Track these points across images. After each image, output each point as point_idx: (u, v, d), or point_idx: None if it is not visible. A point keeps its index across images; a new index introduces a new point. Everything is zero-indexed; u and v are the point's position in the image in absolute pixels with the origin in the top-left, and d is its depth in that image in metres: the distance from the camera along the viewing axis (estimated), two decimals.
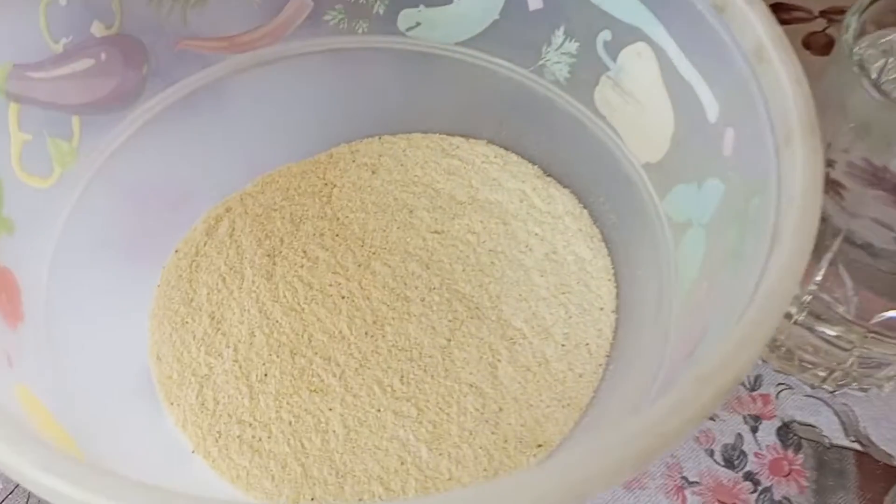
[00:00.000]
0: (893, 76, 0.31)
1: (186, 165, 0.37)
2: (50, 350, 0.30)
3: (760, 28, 0.26)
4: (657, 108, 0.32)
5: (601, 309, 0.35)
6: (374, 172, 0.39)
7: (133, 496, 0.18)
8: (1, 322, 0.27)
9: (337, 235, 0.37)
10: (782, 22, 0.52)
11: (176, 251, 0.37)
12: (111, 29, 0.32)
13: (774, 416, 0.36)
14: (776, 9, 0.51)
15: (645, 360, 0.30)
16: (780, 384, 0.37)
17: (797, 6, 0.51)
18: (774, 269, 0.21)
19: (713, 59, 0.28)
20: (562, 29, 0.34)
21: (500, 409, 0.33)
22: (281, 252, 0.37)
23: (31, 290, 0.29)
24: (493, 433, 0.32)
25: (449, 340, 0.34)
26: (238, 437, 0.32)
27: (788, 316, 0.35)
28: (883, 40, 0.31)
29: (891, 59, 0.30)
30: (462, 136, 0.40)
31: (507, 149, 0.40)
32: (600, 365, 0.34)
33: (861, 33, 0.31)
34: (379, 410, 0.33)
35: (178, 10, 0.33)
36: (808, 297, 0.35)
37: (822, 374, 0.36)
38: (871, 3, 0.30)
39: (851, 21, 0.30)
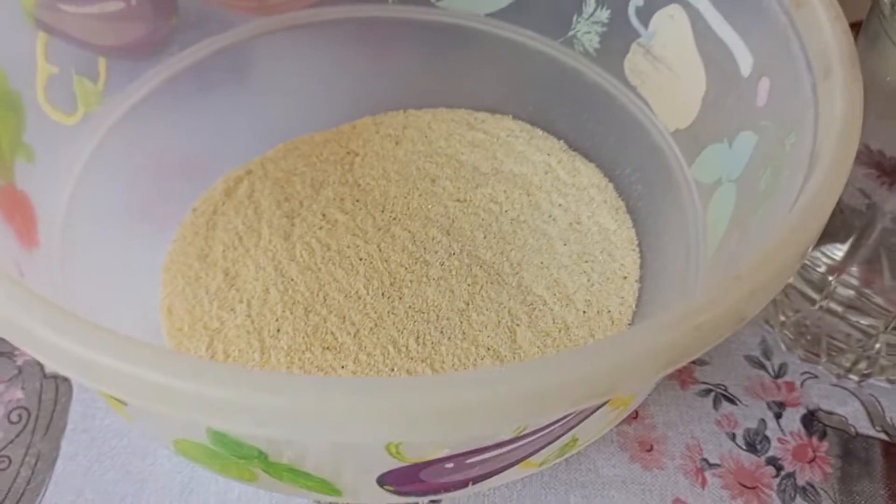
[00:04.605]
0: None
1: (208, 126, 0.37)
2: (62, 286, 0.29)
3: None
4: (689, 70, 0.31)
5: (624, 278, 0.34)
6: (397, 143, 0.39)
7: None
8: (14, 239, 0.26)
9: (357, 201, 0.37)
10: None
11: (193, 209, 0.36)
12: None
13: (799, 403, 0.35)
14: None
15: None
16: (805, 373, 0.36)
17: None
18: (815, 181, 0.21)
19: (748, 12, 0.28)
20: None
21: None
22: (300, 214, 0.36)
23: (47, 220, 0.29)
24: None
25: (467, 304, 0.34)
26: None
27: (812, 301, 0.35)
28: None
29: None
30: (488, 111, 0.40)
31: (532, 123, 0.40)
32: (622, 332, 0.33)
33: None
34: (392, 370, 0.32)
35: None
36: (837, 286, 0.34)
37: (847, 363, 0.35)
38: None
39: None
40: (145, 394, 0.17)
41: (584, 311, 0.33)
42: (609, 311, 0.33)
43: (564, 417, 0.22)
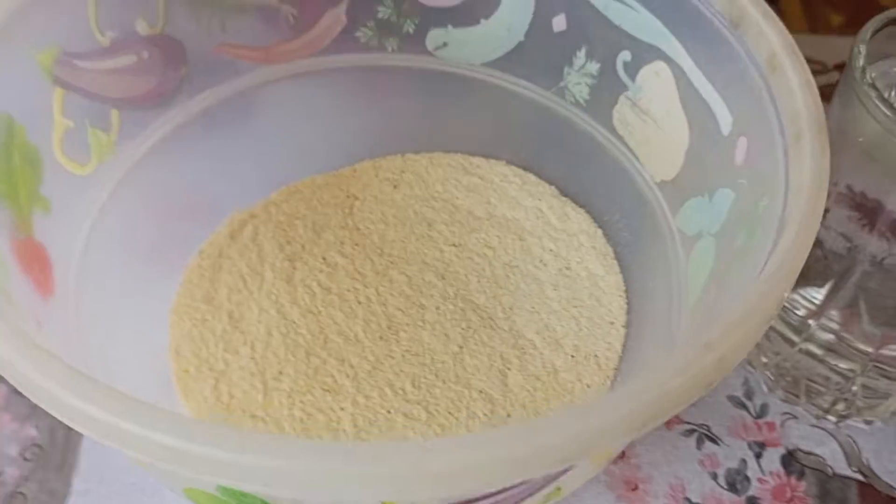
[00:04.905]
0: None
1: (215, 171, 0.38)
2: (76, 331, 0.30)
3: (774, 38, 0.28)
4: (673, 125, 0.33)
5: (611, 323, 0.35)
6: (395, 187, 0.40)
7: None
8: (32, 290, 0.28)
9: (357, 245, 0.38)
10: None
11: (200, 252, 0.38)
12: (155, 28, 0.33)
13: (779, 444, 0.37)
14: None
15: None
16: (785, 413, 0.38)
17: (812, 59, 0.53)
18: (782, 249, 0.22)
19: (728, 73, 0.30)
20: (583, 50, 0.36)
21: (509, 416, 0.33)
22: (301, 257, 0.38)
23: (61, 269, 0.30)
24: None
25: (461, 348, 0.35)
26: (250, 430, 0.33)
27: (792, 343, 0.36)
28: (892, 70, 0.32)
29: (894, 92, 0.32)
30: (482, 156, 0.42)
31: (525, 169, 0.41)
32: (608, 377, 0.34)
33: (876, 58, 0.32)
34: (389, 412, 0.33)
35: (217, 16, 0.35)
36: (816, 329, 0.35)
37: (826, 405, 0.37)
38: (875, 33, 0.31)
39: (861, 48, 0.31)
40: (163, 456, 0.18)
41: (573, 356, 0.35)
42: (596, 356, 0.35)
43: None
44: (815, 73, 0.53)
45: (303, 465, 0.18)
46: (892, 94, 0.33)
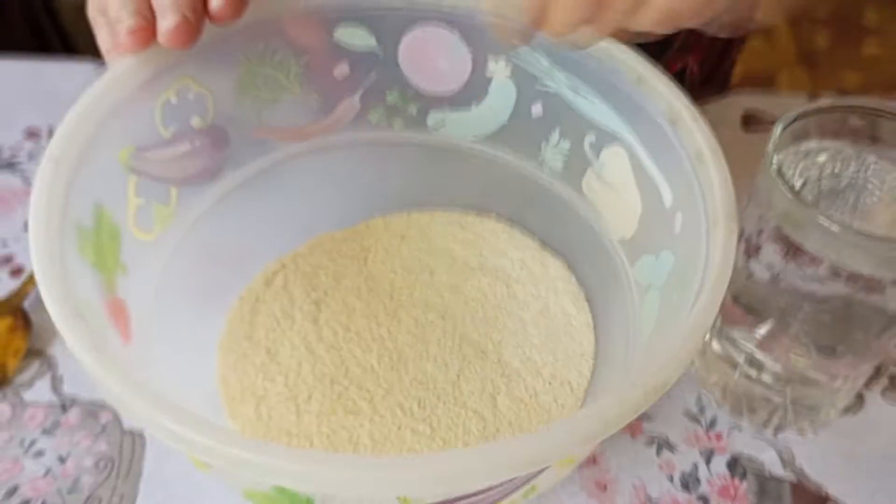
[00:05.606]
0: (813, 173, 0.39)
1: (251, 229, 0.46)
2: (147, 366, 0.38)
3: (701, 138, 0.35)
4: (629, 195, 0.40)
5: (582, 355, 0.43)
6: (402, 240, 0.48)
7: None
8: (120, 339, 0.35)
9: (371, 290, 0.46)
10: (753, 130, 0.61)
11: (240, 298, 0.46)
12: (205, 121, 0.41)
13: (725, 451, 0.44)
14: (748, 119, 0.61)
15: None
16: (731, 425, 0.45)
17: (766, 118, 0.61)
18: (693, 316, 0.30)
19: (668, 160, 0.37)
20: (557, 131, 0.43)
21: (498, 431, 0.41)
22: (325, 301, 0.45)
23: (136, 318, 0.38)
24: None
25: (458, 376, 0.43)
26: (286, 445, 0.40)
27: (734, 366, 0.43)
28: (802, 148, 0.39)
29: (801, 165, 0.39)
30: (475, 213, 0.49)
31: (512, 223, 0.49)
32: (579, 399, 0.42)
33: (792, 140, 0.39)
34: (400, 428, 0.41)
35: (255, 107, 0.43)
36: (754, 356, 0.42)
37: (764, 417, 0.44)
38: (795, 119, 0.39)
39: (777, 131, 0.38)
40: (239, 465, 0.26)
41: (550, 382, 0.42)
42: (569, 382, 0.42)
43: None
44: (768, 125, 0.61)
45: (341, 474, 0.25)
46: (802, 164, 0.40)
